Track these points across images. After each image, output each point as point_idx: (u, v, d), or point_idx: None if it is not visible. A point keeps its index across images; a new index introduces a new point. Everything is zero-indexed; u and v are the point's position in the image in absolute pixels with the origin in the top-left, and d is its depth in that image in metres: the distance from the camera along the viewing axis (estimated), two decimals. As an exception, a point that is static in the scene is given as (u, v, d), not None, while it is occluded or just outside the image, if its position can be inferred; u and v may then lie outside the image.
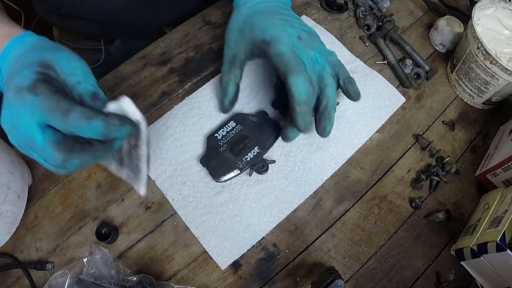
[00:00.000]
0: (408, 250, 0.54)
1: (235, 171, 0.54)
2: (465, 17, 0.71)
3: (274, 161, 0.57)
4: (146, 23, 0.72)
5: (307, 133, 0.48)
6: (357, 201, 0.57)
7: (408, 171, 0.60)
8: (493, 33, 0.63)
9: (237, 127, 0.57)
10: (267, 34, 0.48)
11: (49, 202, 0.54)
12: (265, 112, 0.59)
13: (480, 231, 0.50)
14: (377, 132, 0.61)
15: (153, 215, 0.54)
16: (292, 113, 0.46)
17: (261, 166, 0.55)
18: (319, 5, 0.73)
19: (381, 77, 0.65)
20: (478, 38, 0.58)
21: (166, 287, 0.48)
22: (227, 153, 0.55)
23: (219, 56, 0.66)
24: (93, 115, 0.33)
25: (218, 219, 0.53)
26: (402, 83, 0.66)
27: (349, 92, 0.50)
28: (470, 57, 0.61)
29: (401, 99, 0.64)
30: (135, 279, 0.48)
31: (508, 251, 0.44)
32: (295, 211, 0.55)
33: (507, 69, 0.55)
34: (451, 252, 0.55)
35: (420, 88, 0.67)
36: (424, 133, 0.63)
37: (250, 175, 0.56)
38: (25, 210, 0.51)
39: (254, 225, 0.53)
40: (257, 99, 0.62)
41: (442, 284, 0.52)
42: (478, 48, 0.58)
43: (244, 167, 0.54)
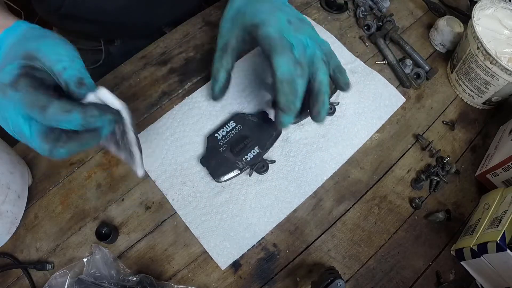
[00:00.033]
0: (408, 250, 0.54)
1: (235, 171, 0.54)
2: (465, 17, 0.72)
3: (274, 161, 0.57)
4: (146, 23, 0.72)
5: (292, 116, 0.46)
6: (357, 201, 0.57)
7: (408, 171, 0.60)
8: (493, 33, 0.63)
9: (237, 127, 0.57)
10: (256, 18, 0.48)
11: (49, 202, 0.54)
12: (265, 112, 0.59)
13: (480, 231, 0.50)
14: (377, 132, 0.61)
15: (153, 215, 0.54)
16: (275, 93, 0.46)
17: (261, 166, 0.55)
18: (319, 5, 0.73)
19: (381, 77, 0.65)
20: (478, 38, 0.58)
21: (166, 287, 0.48)
22: (227, 153, 0.55)
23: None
24: (71, 108, 0.34)
25: (218, 219, 0.53)
26: (402, 83, 0.66)
27: (339, 82, 0.50)
28: (470, 57, 0.61)
29: (401, 99, 0.64)
30: (135, 279, 0.48)
31: (508, 251, 0.44)
32: (295, 211, 0.55)
33: (507, 69, 0.55)
34: (451, 252, 0.55)
35: (420, 88, 0.67)
36: (424, 133, 0.63)
37: (250, 175, 0.56)
38: (25, 210, 0.51)
39: (254, 225, 0.53)
40: (257, 99, 0.62)
41: (442, 284, 0.52)
42: (478, 48, 0.58)
43: (244, 167, 0.54)
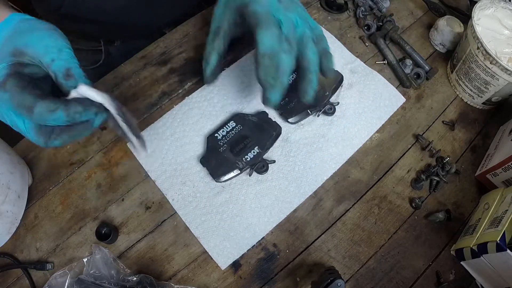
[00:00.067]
0: (408, 250, 0.54)
1: (235, 171, 0.54)
2: (465, 17, 0.71)
3: (274, 161, 0.57)
4: (146, 23, 0.72)
5: (277, 93, 0.46)
6: (357, 201, 0.57)
7: (408, 171, 0.60)
8: (493, 33, 0.63)
9: (237, 127, 0.57)
10: None
11: (49, 202, 0.54)
12: (265, 112, 0.59)
13: (480, 231, 0.50)
14: (377, 132, 0.61)
15: (153, 215, 0.54)
16: (255, 67, 0.45)
17: (261, 166, 0.55)
18: (319, 5, 0.73)
19: (381, 77, 0.65)
20: (478, 38, 0.58)
21: (166, 287, 0.48)
22: (227, 153, 0.55)
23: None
24: (55, 107, 0.35)
25: (218, 219, 0.53)
26: (402, 83, 0.66)
27: (321, 66, 0.49)
28: (470, 57, 0.61)
29: (401, 99, 0.64)
30: (135, 279, 0.48)
31: (508, 251, 0.44)
32: (295, 211, 0.55)
33: (507, 69, 0.55)
34: (451, 252, 0.55)
35: (420, 88, 0.67)
36: (424, 133, 0.63)
37: (250, 175, 0.56)
38: (25, 210, 0.51)
39: (254, 225, 0.53)
40: (257, 99, 0.62)
41: (442, 284, 0.52)
42: (478, 48, 0.58)
43: (244, 167, 0.54)
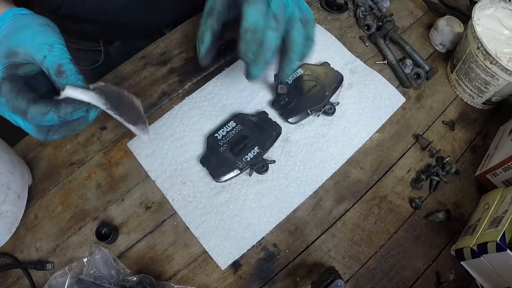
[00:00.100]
0: (408, 250, 0.54)
1: (235, 171, 0.54)
2: (465, 17, 0.72)
3: (274, 161, 0.57)
4: (145, 23, 0.72)
5: (259, 67, 0.46)
6: (357, 201, 0.57)
7: (408, 171, 0.60)
8: (493, 33, 0.63)
9: (237, 127, 0.57)
10: None
11: (49, 202, 0.54)
12: (265, 112, 0.59)
13: (480, 231, 0.50)
14: (377, 132, 0.61)
15: (153, 215, 0.54)
16: (238, 41, 0.45)
17: (261, 166, 0.55)
18: (319, 5, 0.73)
19: (381, 77, 0.65)
20: (478, 38, 0.58)
21: (166, 287, 0.48)
22: (227, 153, 0.55)
23: (219, 56, 0.66)
24: (46, 110, 0.37)
25: (218, 219, 0.53)
26: (402, 83, 0.66)
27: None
28: (470, 57, 0.61)
29: (401, 99, 0.64)
30: (135, 279, 0.48)
31: (508, 251, 0.44)
32: (295, 211, 0.55)
33: (507, 69, 0.55)
34: (451, 252, 0.55)
35: (420, 88, 0.67)
36: (424, 133, 0.63)
37: (250, 175, 0.56)
38: (25, 210, 0.51)
39: (254, 225, 0.53)
40: (257, 99, 0.62)
41: (442, 284, 0.52)
42: (478, 48, 0.58)
43: (244, 167, 0.54)
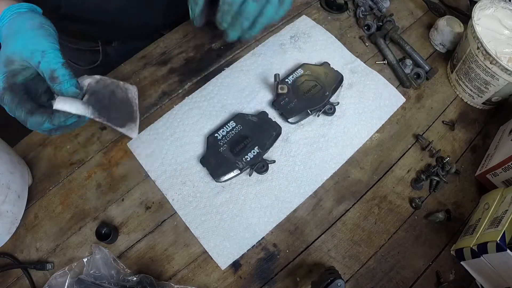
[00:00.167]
0: (408, 250, 0.54)
1: (235, 171, 0.54)
2: (465, 17, 0.72)
3: (274, 161, 0.57)
4: (144, 24, 0.72)
5: (230, 32, 0.51)
6: (357, 201, 0.57)
7: (408, 171, 0.60)
8: (493, 33, 0.63)
9: (237, 127, 0.57)
10: None
11: (49, 202, 0.54)
12: (265, 112, 0.59)
13: (480, 231, 0.50)
14: (377, 132, 0.61)
15: (153, 215, 0.54)
16: (218, 10, 0.50)
17: (261, 166, 0.55)
18: (319, 5, 0.73)
19: (381, 77, 0.65)
20: (478, 38, 0.58)
21: (166, 287, 0.48)
22: (227, 153, 0.55)
23: (219, 56, 0.66)
24: (42, 121, 0.43)
25: (218, 219, 0.53)
26: (402, 83, 0.66)
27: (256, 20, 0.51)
28: (470, 57, 0.61)
29: (401, 99, 0.64)
30: (135, 279, 0.48)
31: (508, 251, 0.44)
32: (295, 211, 0.55)
33: (507, 69, 0.55)
34: (451, 252, 0.55)
35: (420, 88, 0.67)
36: (424, 133, 0.63)
37: (250, 175, 0.56)
38: (25, 210, 0.51)
39: (254, 225, 0.53)
40: (257, 99, 0.62)
41: (442, 284, 0.52)
42: (478, 48, 0.58)
43: (244, 167, 0.54)
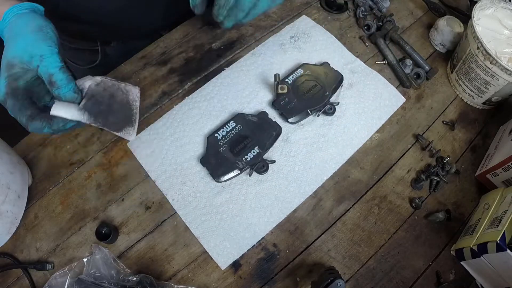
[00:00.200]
0: (408, 250, 0.54)
1: (235, 171, 0.54)
2: (465, 17, 0.72)
3: (274, 161, 0.57)
4: (143, 25, 0.72)
5: (226, 22, 0.54)
6: (357, 201, 0.57)
7: (408, 171, 0.60)
8: (493, 33, 0.63)
9: (237, 127, 0.57)
10: None
11: (49, 202, 0.54)
12: (265, 112, 0.59)
13: (480, 231, 0.50)
14: (377, 132, 0.61)
15: (153, 215, 0.54)
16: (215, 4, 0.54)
17: (261, 166, 0.55)
18: (319, 5, 0.73)
19: (381, 77, 0.65)
20: (478, 38, 0.58)
21: (166, 287, 0.48)
22: (227, 153, 0.55)
23: (219, 56, 0.66)
24: (41, 126, 0.44)
25: (218, 219, 0.53)
26: (402, 83, 0.66)
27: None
28: (470, 57, 0.61)
29: (401, 99, 0.64)
30: (135, 279, 0.48)
31: (508, 251, 0.44)
32: (295, 211, 0.55)
33: (507, 69, 0.55)
34: (451, 252, 0.55)
35: (420, 88, 0.67)
36: (424, 133, 0.63)
37: (250, 175, 0.56)
38: (25, 210, 0.51)
39: (254, 225, 0.53)
40: (257, 99, 0.62)
41: (442, 284, 0.52)
42: (478, 48, 0.58)
43: (244, 167, 0.54)
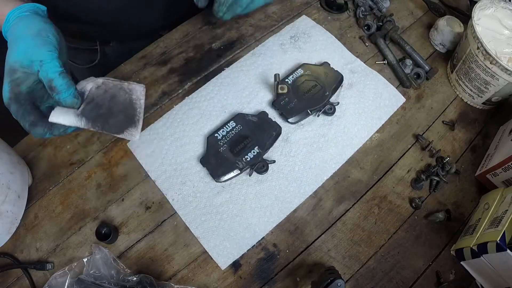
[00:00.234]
0: (408, 250, 0.54)
1: (235, 171, 0.54)
2: (465, 17, 0.72)
3: (274, 161, 0.57)
4: (142, 25, 0.72)
5: (222, 17, 0.59)
6: (357, 201, 0.57)
7: (408, 171, 0.60)
8: (493, 33, 0.63)
9: (237, 127, 0.57)
10: None
11: (49, 202, 0.54)
12: (265, 112, 0.59)
13: (480, 231, 0.50)
14: (377, 132, 0.61)
15: (153, 215, 0.54)
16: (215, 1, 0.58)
17: (261, 166, 0.55)
18: (319, 5, 0.73)
19: (381, 77, 0.65)
20: (478, 38, 0.58)
21: (166, 287, 0.48)
22: (227, 153, 0.55)
23: (219, 56, 0.66)
24: (43, 132, 0.45)
25: (218, 219, 0.53)
26: (402, 83, 0.66)
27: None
28: (470, 57, 0.61)
29: (401, 99, 0.64)
30: (135, 279, 0.48)
31: (508, 251, 0.44)
32: (295, 211, 0.55)
33: (507, 69, 0.55)
34: (451, 252, 0.55)
35: (420, 88, 0.67)
36: (424, 133, 0.63)
37: (250, 175, 0.56)
38: (25, 210, 0.51)
39: (254, 225, 0.53)
40: (257, 99, 0.62)
41: (442, 284, 0.52)
42: (478, 48, 0.58)
43: (244, 167, 0.54)
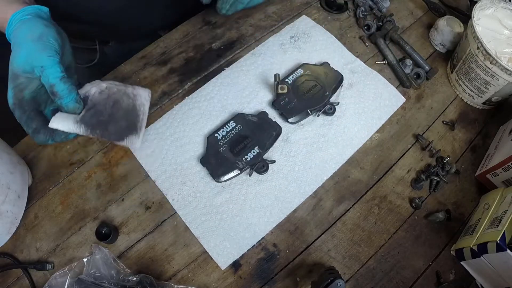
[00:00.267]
0: (408, 250, 0.54)
1: (235, 171, 0.54)
2: (465, 17, 0.72)
3: (274, 161, 0.57)
4: (142, 25, 0.72)
5: (226, 13, 0.62)
6: (357, 201, 0.57)
7: (408, 171, 0.60)
8: (493, 33, 0.63)
9: (237, 127, 0.57)
10: None
11: (49, 202, 0.54)
12: (265, 112, 0.59)
13: (480, 231, 0.50)
14: (377, 132, 0.61)
15: (153, 215, 0.54)
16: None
17: (261, 166, 0.55)
18: (319, 5, 0.73)
19: (381, 77, 0.65)
20: (478, 38, 0.58)
21: (166, 287, 0.48)
22: (227, 153, 0.55)
23: (219, 56, 0.66)
24: (45, 139, 0.47)
25: (218, 219, 0.53)
26: (402, 83, 0.66)
27: None
28: (470, 57, 0.61)
29: (401, 99, 0.64)
30: (135, 279, 0.48)
31: (508, 251, 0.44)
32: (295, 211, 0.55)
33: (507, 69, 0.55)
34: (451, 252, 0.55)
35: (420, 88, 0.67)
36: (424, 133, 0.63)
37: (250, 175, 0.56)
38: (25, 210, 0.51)
39: (254, 225, 0.53)
40: (257, 99, 0.62)
41: (442, 284, 0.52)
42: (478, 48, 0.58)
43: (244, 167, 0.54)
